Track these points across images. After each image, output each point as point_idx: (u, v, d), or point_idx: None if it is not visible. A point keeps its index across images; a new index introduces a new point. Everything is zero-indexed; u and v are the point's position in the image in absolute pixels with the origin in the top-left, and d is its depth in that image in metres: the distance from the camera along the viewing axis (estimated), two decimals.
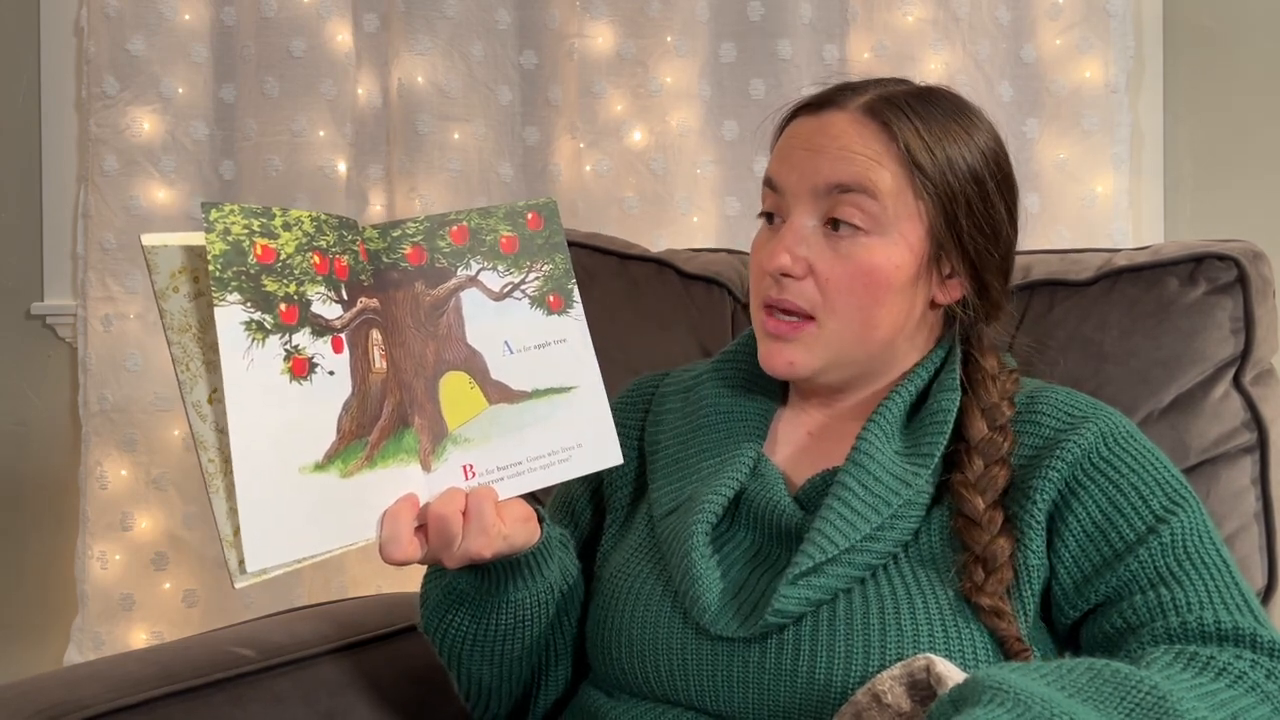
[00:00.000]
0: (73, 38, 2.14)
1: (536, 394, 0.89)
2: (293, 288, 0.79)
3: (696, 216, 1.95)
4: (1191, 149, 1.88)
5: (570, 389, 0.90)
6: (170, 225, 2.04)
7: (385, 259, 0.86)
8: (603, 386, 0.92)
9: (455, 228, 0.89)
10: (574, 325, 0.91)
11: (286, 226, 0.80)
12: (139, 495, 2.05)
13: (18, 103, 2.16)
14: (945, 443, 0.95)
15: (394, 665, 1.18)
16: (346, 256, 0.83)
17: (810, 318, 0.96)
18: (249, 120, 2.03)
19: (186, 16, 2.04)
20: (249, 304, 0.76)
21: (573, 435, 0.89)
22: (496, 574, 0.94)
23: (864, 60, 1.88)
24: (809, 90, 1.03)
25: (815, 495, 0.96)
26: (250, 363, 0.76)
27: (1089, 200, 1.82)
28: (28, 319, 2.17)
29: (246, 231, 0.77)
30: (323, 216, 0.82)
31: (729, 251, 1.47)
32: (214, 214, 0.76)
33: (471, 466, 0.86)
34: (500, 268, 0.90)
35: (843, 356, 0.97)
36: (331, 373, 0.80)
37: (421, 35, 1.99)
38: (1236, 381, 1.12)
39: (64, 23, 2.14)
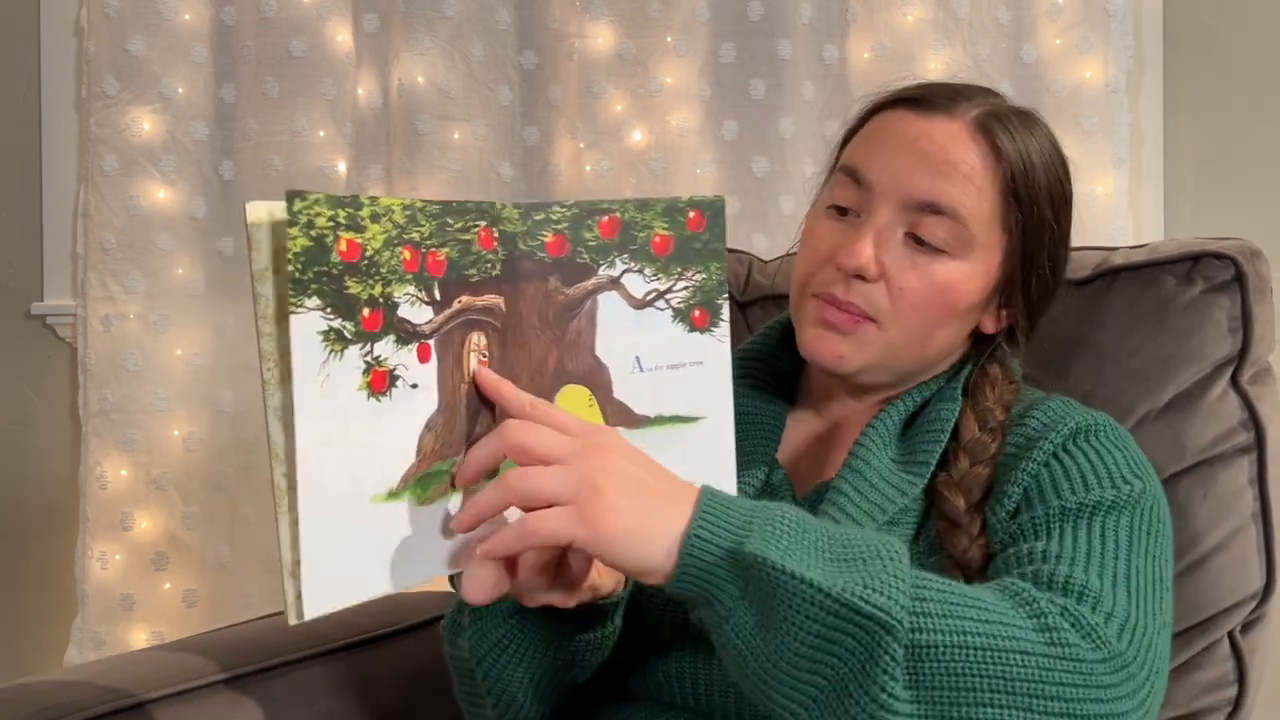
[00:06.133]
0: (73, 38, 2.14)
1: (659, 420, 0.79)
2: (378, 289, 0.68)
3: None
4: (1192, 149, 1.88)
5: (696, 420, 0.80)
6: (170, 226, 2.04)
7: (521, 245, 0.75)
8: (732, 422, 0.81)
9: (606, 218, 0.78)
10: (715, 347, 0.81)
11: (375, 218, 0.68)
12: (139, 495, 2.05)
13: (18, 103, 2.16)
14: (941, 450, 0.94)
15: (392, 666, 1.18)
16: (447, 249, 0.72)
17: (871, 319, 0.93)
18: (249, 120, 2.03)
19: (186, 16, 2.04)
20: (329, 309, 0.66)
21: (688, 471, 0.76)
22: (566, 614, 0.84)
23: (864, 60, 1.88)
24: (908, 82, 1.00)
25: (815, 506, 0.95)
26: (326, 378, 0.65)
27: (1089, 200, 1.81)
28: (28, 319, 2.17)
29: (331, 225, 0.66)
30: (418, 204, 0.71)
31: (729, 250, 1.46)
32: (298, 204, 0.65)
33: None
34: (647, 271, 0.79)
35: (890, 362, 0.95)
36: (415, 385, 0.70)
37: (421, 35, 1.99)
38: (1234, 380, 1.11)
39: (64, 23, 2.14)
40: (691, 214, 0.80)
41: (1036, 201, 0.95)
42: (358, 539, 0.67)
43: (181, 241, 2.05)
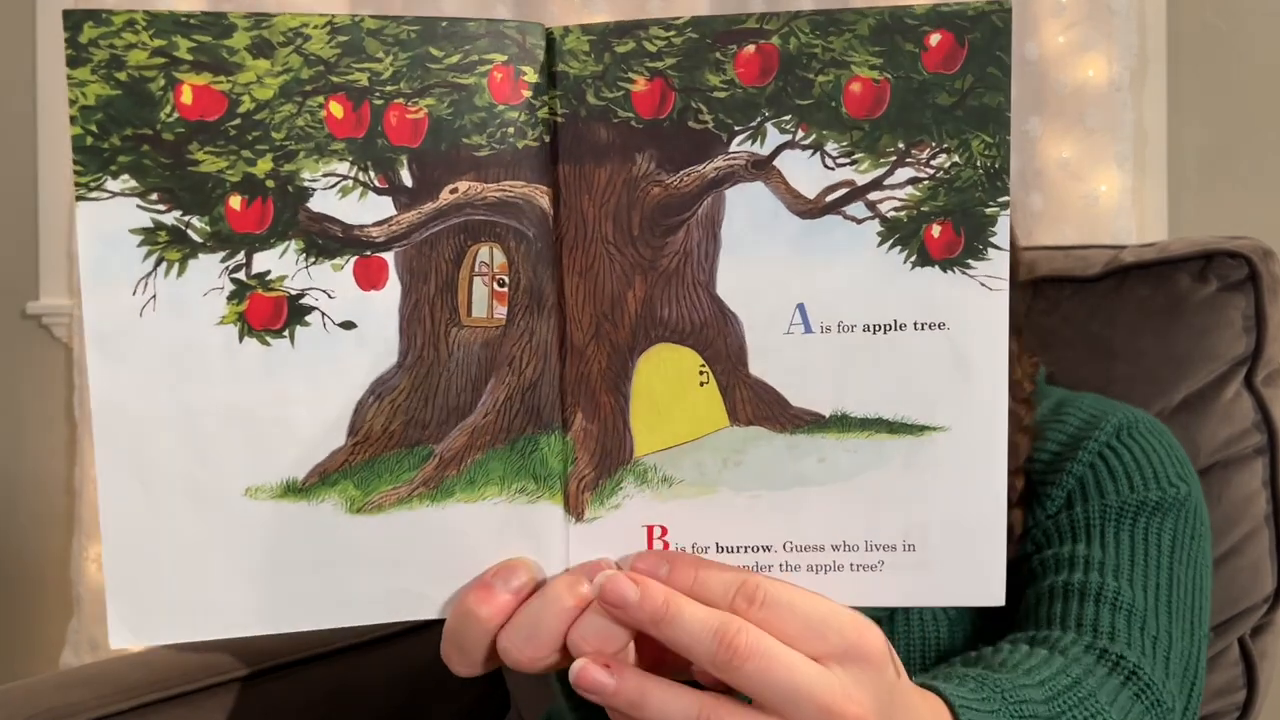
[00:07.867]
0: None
1: (840, 425, 0.46)
2: (264, 164, 0.44)
3: None
4: (1195, 147, 1.87)
5: (928, 430, 0.46)
6: None
7: (593, 97, 0.45)
8: (1005, 442, 0.46)
9: (751, 49, 0.44)
10: (976, 298, 0.45)
11: (261, 48, 0.44)
12: None
13: (13, 100, 2.15)
14: None
15: (388, 669, 1.17)
16: (429, 100, 0.45)
17: None
18: None
19: None
20: (155, 195, 0.44)
21: (900, 524, 0.46)
22: None
23: None
24: None
25: None
26: (149, 303, 0.45)
27: (1092, 199, 1.81)
28: (23, 319, 2.16)
29: (161, 63, 0.44)
30: (367, 23, 0.44)
31: None
32: (90, 29, 0.45)
33: (665, 530, 0.47)
34: (831, 145, 0.45)
35: None
36: (349, 325, 0.46)
37: None
38: (1248, 381, 1.10)
39: (61, 19, 2.13)
40: (935, 36, 0.44)
41: None
42: (216, 549, 0.46)
43: None
